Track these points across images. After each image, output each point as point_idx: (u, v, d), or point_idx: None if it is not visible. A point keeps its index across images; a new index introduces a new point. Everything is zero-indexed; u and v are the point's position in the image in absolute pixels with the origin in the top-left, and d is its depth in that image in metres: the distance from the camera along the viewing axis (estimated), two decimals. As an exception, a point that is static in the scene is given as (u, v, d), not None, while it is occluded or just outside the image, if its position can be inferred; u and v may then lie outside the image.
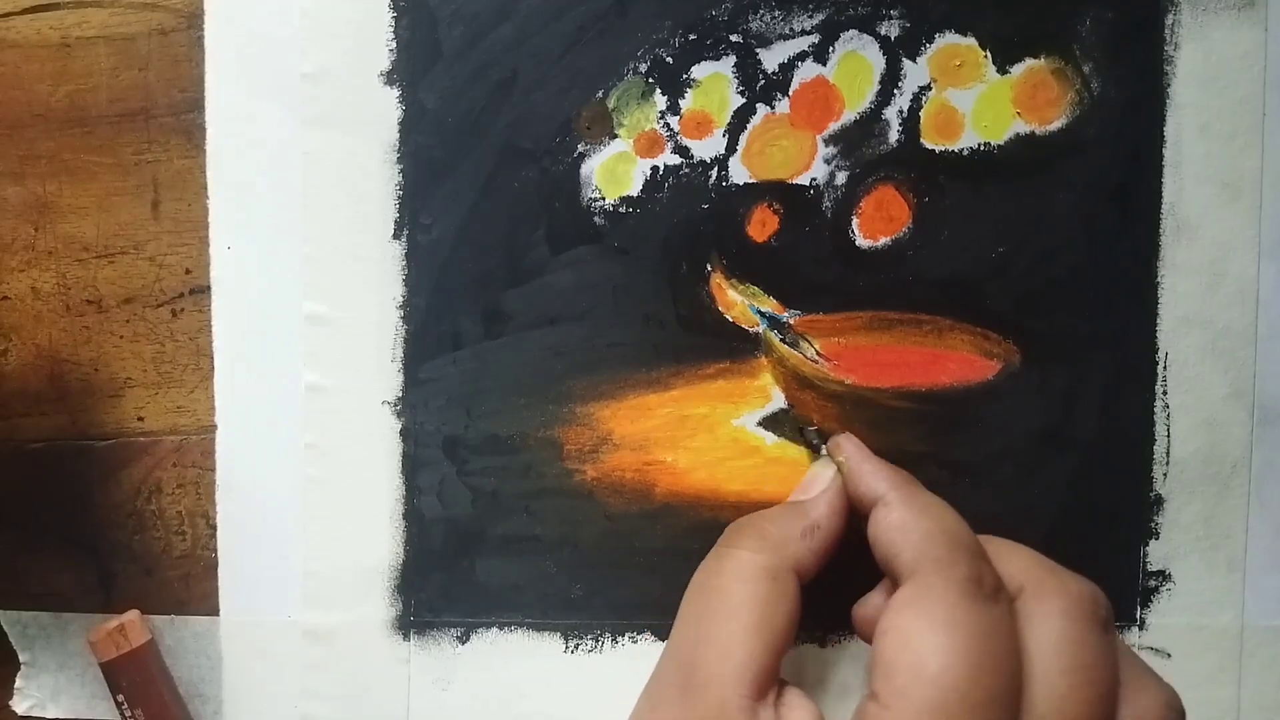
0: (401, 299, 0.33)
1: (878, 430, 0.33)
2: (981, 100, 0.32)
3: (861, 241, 0.33)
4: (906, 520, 0.27)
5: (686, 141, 0.32)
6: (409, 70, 0.33)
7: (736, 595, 0.27)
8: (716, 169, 0.33)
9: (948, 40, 0.32)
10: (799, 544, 0.29)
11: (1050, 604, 0.26)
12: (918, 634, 0.25)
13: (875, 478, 0.29)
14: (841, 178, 0.32)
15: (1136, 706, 0.26)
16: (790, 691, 0.27)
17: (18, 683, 0.35)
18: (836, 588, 0.30)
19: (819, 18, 0.32)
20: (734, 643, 0.27)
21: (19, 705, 0.35)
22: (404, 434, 0.33)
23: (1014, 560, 0.27)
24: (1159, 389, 0.33)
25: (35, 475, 0.34)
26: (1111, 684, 0.26)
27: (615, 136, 0.33)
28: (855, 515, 0.30)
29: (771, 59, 0.32)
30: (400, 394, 0.33)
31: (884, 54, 0.32)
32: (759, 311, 0.33)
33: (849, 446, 0.31)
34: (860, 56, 0.32)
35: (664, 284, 0.33)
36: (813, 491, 0.30)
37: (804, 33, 0.32)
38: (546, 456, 0.33)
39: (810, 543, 0.29)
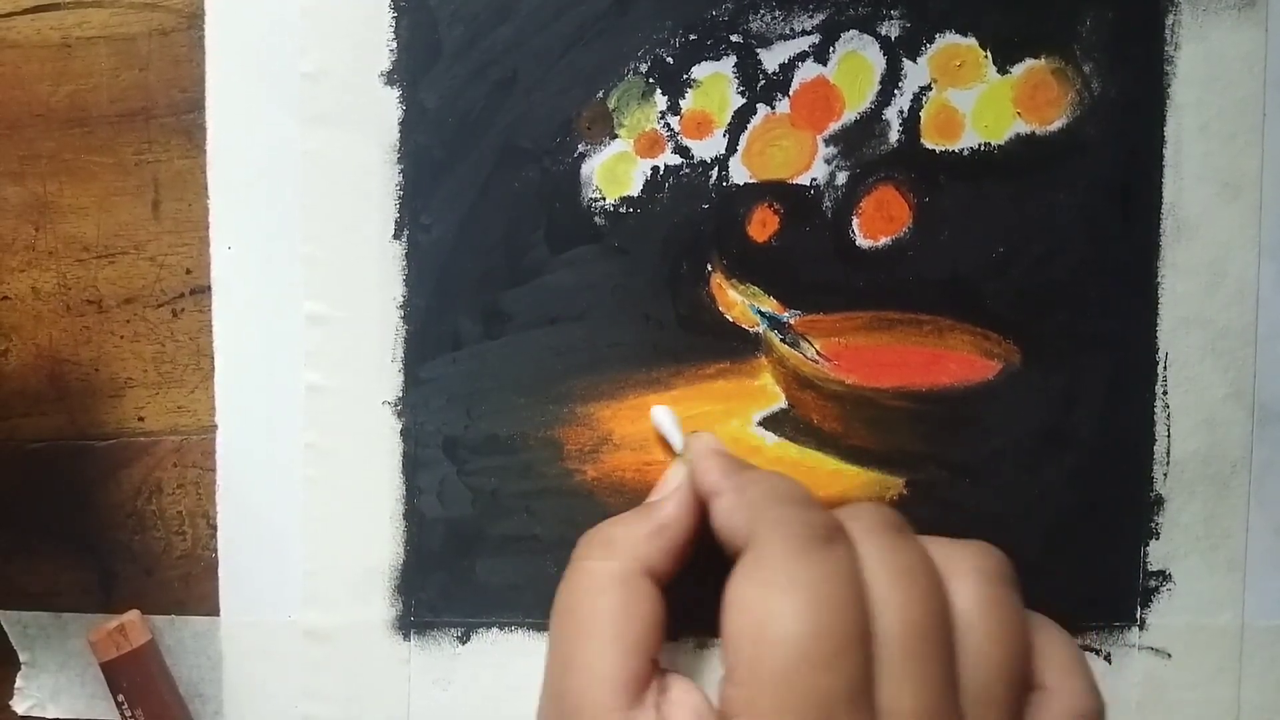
0: (401, 299, 0.33)
1: (878, 430, 0.33)
2: (982, 100, 0.32)
3: (861, 241, 0.33)
4: (734, 501, 0.27)
5: (687, 141, 0.32)
6: (409, 70, 0.33)
7: (589, 609, 0.27)
8: (717, 169, 0.33)
9: (948, 40, 0.32)
10: (647, 545, 0.28)
11: (967, 564, 0.26)
12: (756, 601, 0.24)
13: (708, 473, 0.29)
14: (842, 178, 0.32)
15: (1049, 663, 0.26)
16: (673, 683, 0.27)
17: (18, 683, 0.35)
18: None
19: (819, 18, 0.32)
20: (596, 659, 0.26)
21: (19, 705, 0.35)
22: (404, 434, 0.33)
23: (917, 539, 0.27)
24: (1159, 389, 0.33)
25: (35, 475, 0.34)
26: (1026, 641, 0.26)
27: (615, 136, 0.33)
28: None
29: (772, 59, 0.32)
30: (400, 394, 0.33)
31: (884, 54, 0.32)
32: (759, 311, 0.33)
33: (697, 445, 0.30)
34: (860, 56, 0.32)
35: (664, 284, 0.33)
36: (665, 492, 0.30)
37: (804, 33, 0.32)
38: (546, 456, 0.33)
39: (659, 543, 0.28)
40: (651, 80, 0.32)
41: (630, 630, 0.27)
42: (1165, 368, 0.33)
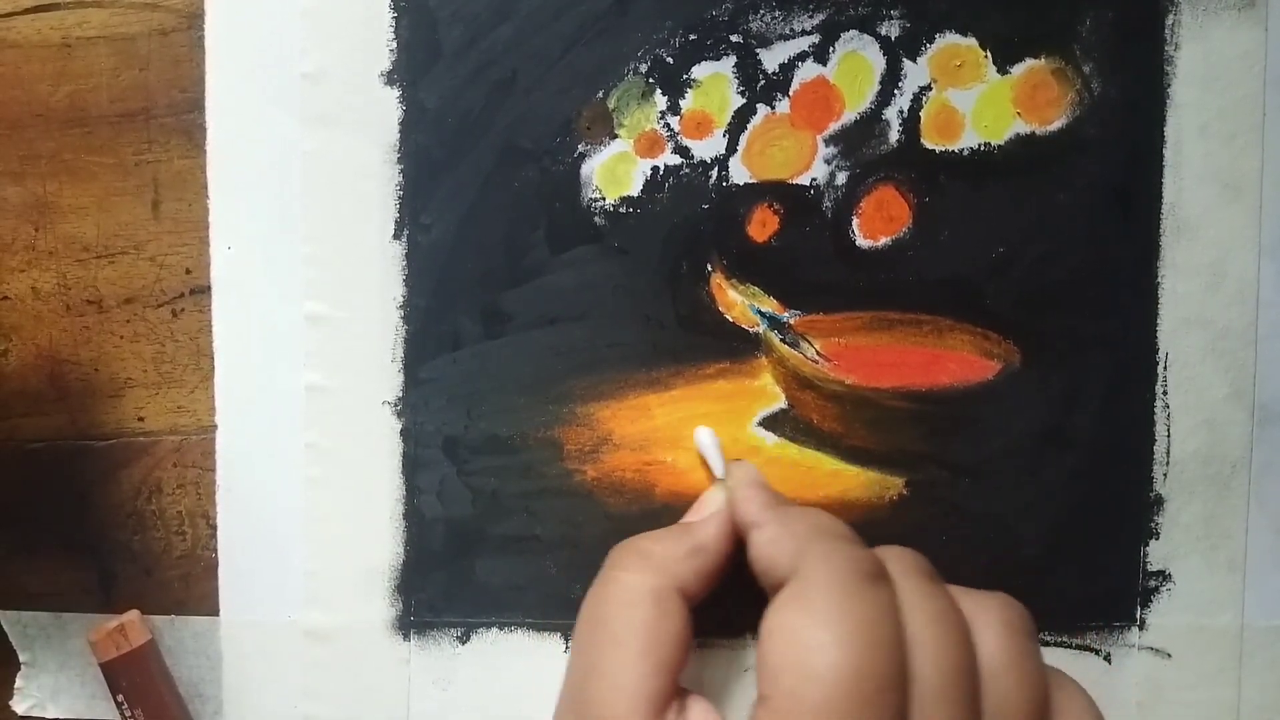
0: (401, 299, 0.33)
1: (878, 430, 0.33)
2: (982, 100, 0.32)
3: (861, 241, 0.33)
4: (778, 532, 0.28)
5: (687, 141, 0.32)
6: (409, 70, 0.33)
7: (620, 621, 0.27)
8: (717, 169, 0.33)
9: (948, 40, 0.32)
10: (683, 565, 0.28)
11: (992, 614, 0.27)
12: (802, 630, 0.24)
13: (749, 504, 0.29)
14: (842, 178, 0.32)
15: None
16: (692, 703, 0.27)
17: (18, 683, 0.35)
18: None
19: (819, 18, 0.32)
20: (621, 671, 0.26)
21: (19, 705, 0.35)
22: (404, 434, 0.33)
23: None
24: (1159, 389, 0.33)
25: (35, 475, 0.34)
26: (1045, 689, 0.27)
27: (615, 136, 0.33)
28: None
29: (772, 59, 0.32)
30: (400, 394, 0.33)
31: (884, 54, 0.32)
32: (759, 311, 0.33)
33: (738, 472, 0.31)
34: (860, 56, 0.32)
35: (664, 284, 0.33)
36: (703, 514, 0.30)
37: (804, 33, 0.32)
38: (546, 456, 0.33)
39: (695, 564, 0.29)
40: (651, 80, 0.32)
41: (659, 646, 0.27)
42: (1165, 368, 0.33)
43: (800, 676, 0.24)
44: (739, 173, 0.32)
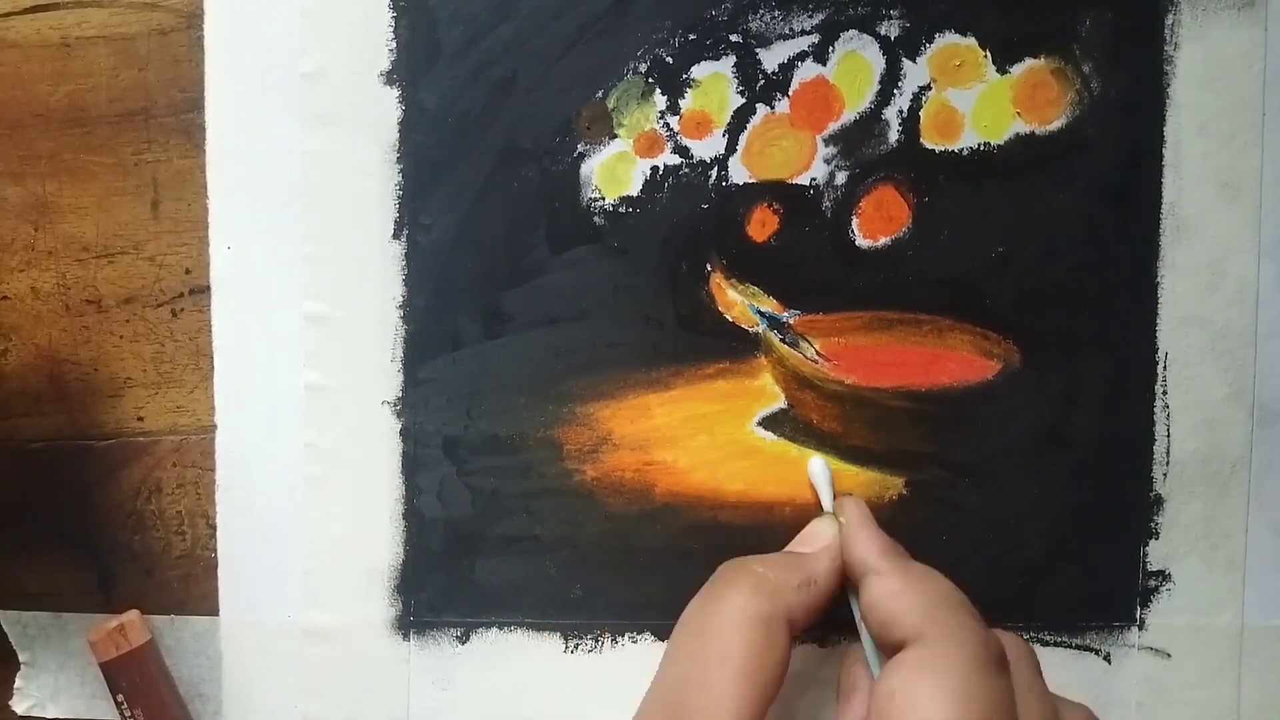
0: (401, 299, 0.33)
1: (878, 430, 0.33)
2: (981, 100, 0.32)
3: (861, 241, 0.33)
4: (905, 588, 0.27)
5: (686, 141, 0.32)
6: (409, 70, 0.33)
7: (730, 640, 0.27)
8: (716, 169, 0.33)
9: (948, 40, 0.32)
10: (795, 595, 0.28)
11: None
12: (930, 700, 0.24)
13: (868, 545, 0.29)
14: (841, 178, 0.32)
15: None
16: None
17: (18, 683, 0.35)
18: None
19: (819, 18, 0.32)
20: (725, 690, 0.26)
21: (19, 705, 0.35)
22: (404, 434, 0.33)
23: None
24: (1159, 389, 0.33)
25: (35, 475, 0.34)
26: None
27: (615, 136, 0.33)
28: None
29: (771, 59, 0.32)
30: (400, 394, 0.33)
31: (884, 54, 0.32)
32: (759, 311, 0.33)
33: (852, 509, 0.31)
34: (860, 56, 0.32)
35: (664, 284, 0.33)
36: (814, 546, 0.30)
37: (804, 33, 0.32)
38: (546, 456, 0.33)
39: (806, 596, 0.29)
40: (651, 80, 0.32)
41: (763, 672, 0.27)
42: (1165, 368, 0.33)
43: None
44: (739, 173, 0.32)
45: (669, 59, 0.32)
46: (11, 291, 0.34)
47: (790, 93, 0.32)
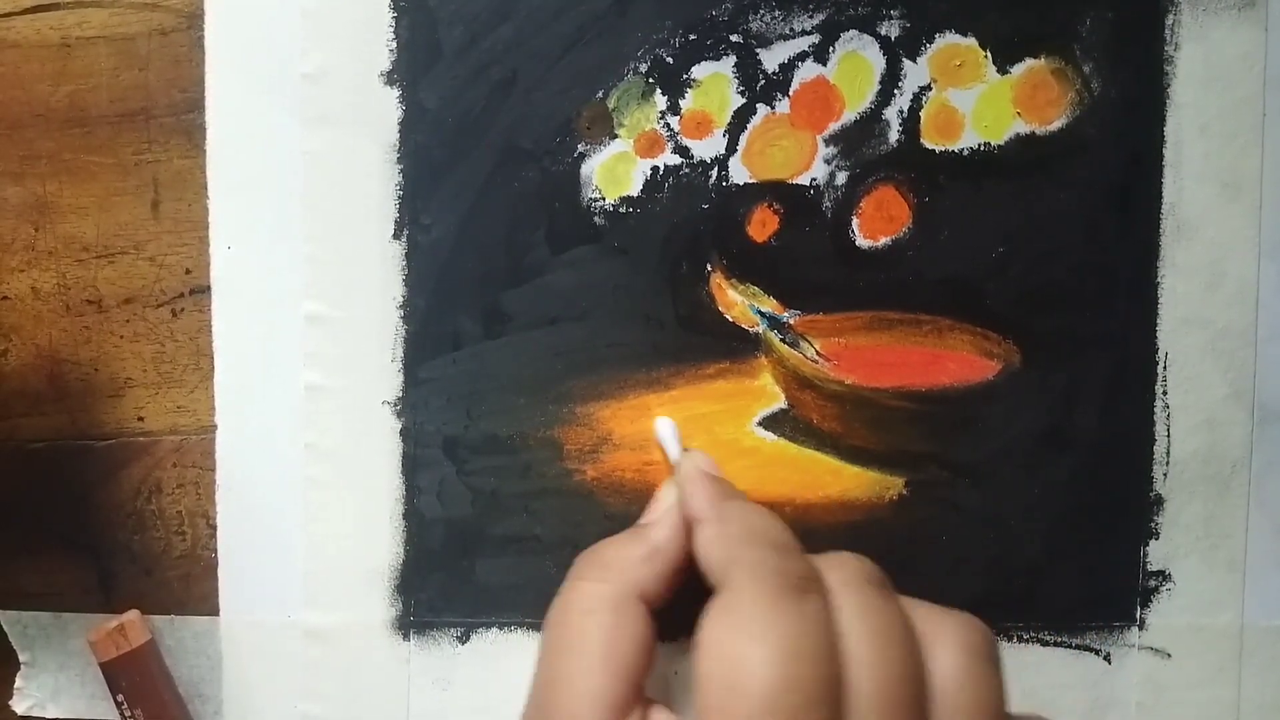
0: (401, 299, 0.33)
1: (878, 430, 0.33)
2: (981, 100, 0.32)
3: (861, 241, 0.33)
4: (715, 532, 0.27)
5: (686, 141, 0.32)
6: (409, 70, 0.33)
7: (579, 628, 0.27)
8: (716, 169, 0.33)
9: (948, 40, 0.32)
10: (640, 569, 0.28)
11: (950, 634, 0.26)
12: (729, 645, 0.24)
13: (697, 499, 0.28)
14: (841, 178, 0.32)
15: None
16: (655, 712, 0.27)
17: (18, 683, 0.35)
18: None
19: (819, 18, 0.32)
20: (582, 678, 0.26)
21: (19, 705, 0.35)
22: (404, 434, 0.33)
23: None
24: (1159, 389, 0.33)
25: (35, 475, 0.34)
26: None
27: (615, 136, 0.33)
28: None
29: (771, 59, 0.32)
30: (400, 394, 0.33)
31: (884, 54, 0.32)
32: (759, 311, 0.33)
33: (685, 466, 0.30)
34: (860, 56, 0.32)
35: (664, 284, 0.33)
36: (654, 514, 0.30)
37: (804, 33, 0.32)
38: (546, 456, 0.33)
39: (653, 567, 0.28)
40: (651, 80, 0.32)
41: (618, 653, 0.27)
42: (1165, 368, 0.33)
43: (728, 692, 0.23)
44: (739, 173, 0.32)
45: (669, 59, 0.32)
46: (12, 291, 0.34)
47: (790, 93, 0.32)
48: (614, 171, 0.33)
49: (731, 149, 0.32)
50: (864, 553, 0.28)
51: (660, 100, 0.32)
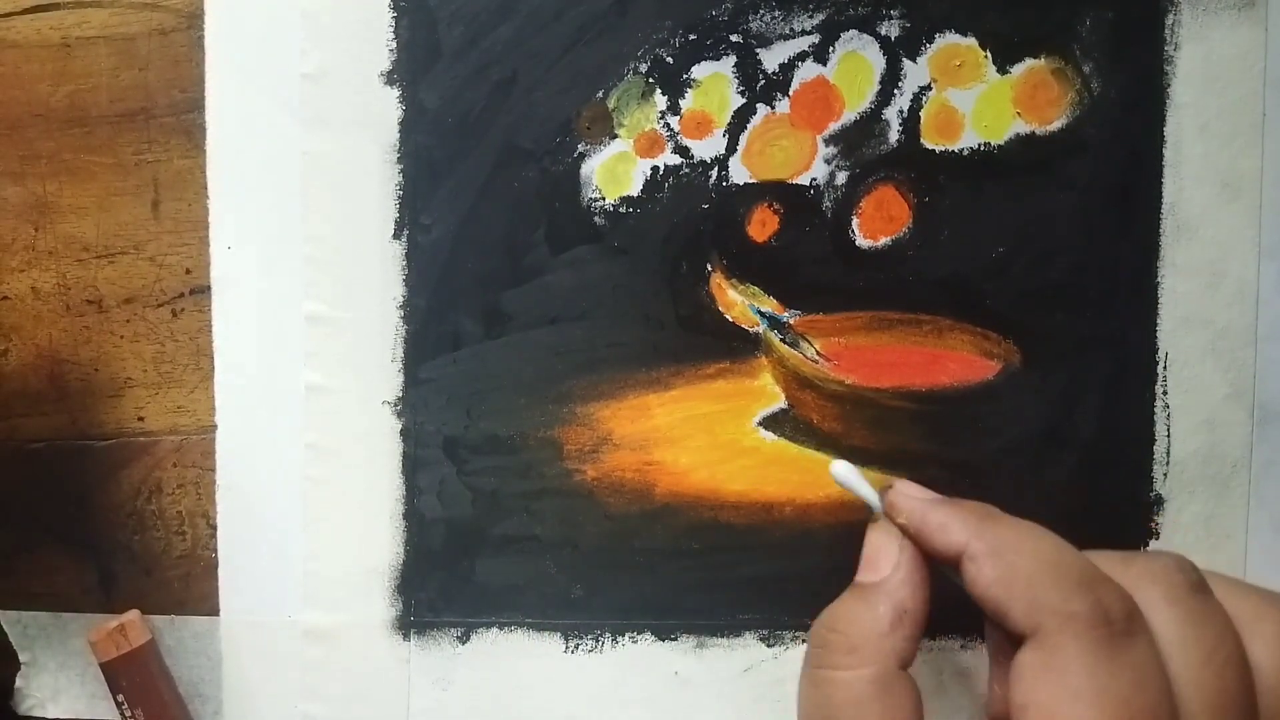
0: (401, 299, 0.33)
1: (878, 430, 0.33)
2: (981, 100, 0.32)
3: (861, 241, 0.33)
4: (1000, 574, 0.25)
5: (686, 141, 0.32)
6: (409, 70, 0.33)
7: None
8: (716, 169, 0.33)
9: (948, 40, 0.32)
10: (892, 638, 0.26)
11: (1267, 620, 0.24)
12: (1062, 707, 0.22)
13: (947, 531, 0.26)
14: (841, 178, 0.32)
15: (1257, 644, 0.24)
16: None
17: (18, 683, 0.35)
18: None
19: (819, 18, 0.32)
20: None
21: (19, 705, 0.35)
22: (404, 434, 0.33)
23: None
24: (1159, 389, 0.33)
25: (35, 475, 0.34)
26: (1232, 639, 0.24)
27: (615, 136, 0.33)
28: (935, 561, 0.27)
29: (771, 59, 0.32)
30: (400, 394, 0.33)
31: (884, 54, 0.32)
32: (759, 311, 0.33)
33: (905, 502, 0.27)
34: (860, 56, 0.32)
35: (664, 284, 0.33)
36: (883, 569, 0.27)
37: (804, 33, 0.32)
38: (546, 456, 0.33)
39: (904, 631, 0.26)
40: (651, 80, 0.32)
41: None
42: (1165, 368, 0.33)
43: None
44: (739, 172, 0.32)
45: (669, 59, 0.32)
46: (12, 291, 0.34)
47: (790, 93, 0.32)
48: (614, 171, 0.33)
49: (731, 149, 0.32)
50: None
51: (660, 100, 0.32)
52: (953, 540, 0.26)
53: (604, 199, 0.33)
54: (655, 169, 0.33)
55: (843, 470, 0.29)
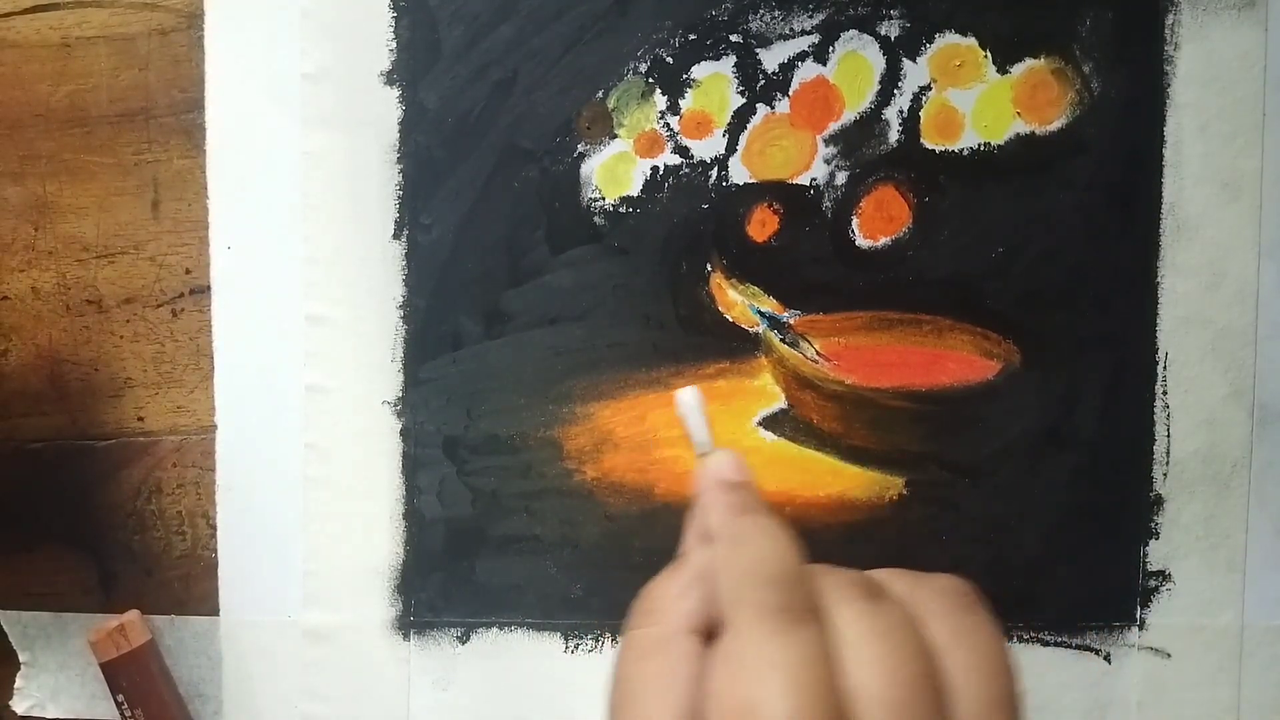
0: (401, 299, 0.33)
1: (878, 430, 0.33)
2: (981, 100, 0.32)
3: (861, 241, 0.33)
4: (726, 559, 0.26)
5: (686, 141, 0.32)
6: (409, 70, 0.33)
7: (636, 676, 0.27)
8: (716, 169, 0.33)
9: (948, 40, 0.32)
10: (681, 604, 0.27)
11: (934, 600, 0.25)
12: (738, 686, 0.24)
13: (712, 514, 0.27)
14: (841, 178, 0.32)
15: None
16: None
17: (18, 683, 0.35)
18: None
19: (819, 18, 0.32)
20: None
21: (19, 705, 0.35)
22: (404, 434, 0.33)
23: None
24: (1159, 389, 0.33)
25: (35, 475, 0.34)
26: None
27: (615, 136, 0.33)
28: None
29: (771, 59, 0.32)
30: (400, 394, 0.33)
31: (884, 54, 0.32)
32: (759, 311, 0.33)
33: (704, 474, 0.28)
34: (860, 56, 0.32)
35: (664, 284, 0.33)
36: (689, 539, 0.29)
37: (804, 33, 0.32)
38: (546, 456, 0.33)
39: (694, 597, 0.27)
40: (651, 80, 0.32)
41: (673, 693, 0.26)
42: (1165, 368, 0.33)
43: None
44: (739, 173, 0.32)
45: (669, 59, 0.32)
46: (12, 291, 0.34)
47: (790, 93, 0.32)
48: (614, 171, 0.33)
49: (731, 149, 0.32)
50: (864, 553, 0.28)
51: (660, 100, 0.32)
52: (708, 523, 0.27)
53: (604, 199, 0.33)
54: (655, 169, 0.33)
55: (687, 398, 0.28)
